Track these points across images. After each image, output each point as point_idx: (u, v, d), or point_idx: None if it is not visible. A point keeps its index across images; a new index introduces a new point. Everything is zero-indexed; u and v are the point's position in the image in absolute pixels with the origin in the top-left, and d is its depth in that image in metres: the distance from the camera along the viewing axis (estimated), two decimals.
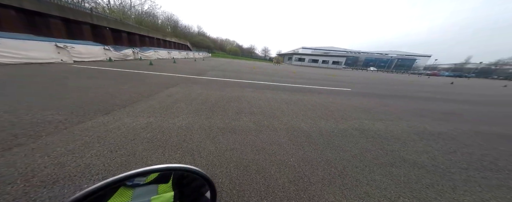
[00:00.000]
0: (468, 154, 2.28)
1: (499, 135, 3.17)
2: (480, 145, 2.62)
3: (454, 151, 2.33)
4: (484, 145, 2.65)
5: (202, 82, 5.72)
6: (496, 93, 10.62)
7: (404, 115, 3.94)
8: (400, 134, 2.80)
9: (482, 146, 2.60)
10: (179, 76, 6.67)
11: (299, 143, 2.26)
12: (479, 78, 44.72)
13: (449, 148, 2.42)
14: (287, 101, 4.25)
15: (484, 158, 2.20)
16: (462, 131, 3.21)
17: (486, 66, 67.74)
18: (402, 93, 7.38)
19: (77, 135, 1.96)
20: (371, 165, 1.85)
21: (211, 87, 5.09)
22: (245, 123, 2.72)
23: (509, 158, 2.26)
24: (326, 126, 2.89)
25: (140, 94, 3.64)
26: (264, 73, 11.38)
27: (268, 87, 6.04)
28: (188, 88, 4.54)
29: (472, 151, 2.38)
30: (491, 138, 2.96)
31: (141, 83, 4.74)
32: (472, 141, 2.75)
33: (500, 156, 2.29)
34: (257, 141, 2.21)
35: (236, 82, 6.56)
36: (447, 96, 7.72)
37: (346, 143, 2.35)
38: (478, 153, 2.34)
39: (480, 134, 3.11)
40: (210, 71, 9.74)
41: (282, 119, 3.06)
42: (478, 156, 2.25)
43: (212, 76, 7.52)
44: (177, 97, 3.67)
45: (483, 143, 2.72)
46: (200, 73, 8.13)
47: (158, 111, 2.86)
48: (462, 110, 5.06)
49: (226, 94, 4.27)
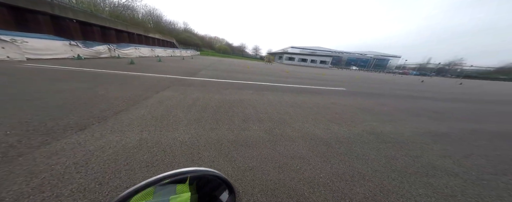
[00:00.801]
0: (484, 156, 2.32)
1: (493, 133, 3.40)
2: (486, 146, 2.73)
3: (470, 153, 2.36)
4: (489, 145, 2.77)
5: (196, 84, 5.18)
6: (460, 92, 11.97)
7: (403, 115, 4.04)
8: (411, 137, 2.78)
9: (488, 146, 2.71)
10: (168, 77, 5.97)
11: (322, 153, 2.04)
12: (438, 77, 50.86)
13: (464, 151, 2.44)
14: (291, 104, 4.05)
15: (503, 159, 2.27)
16: (460, 130, 3.36)
17: (441, 66, 77.91)
18: (389, 92, 7.79)
19: (40, 164, 1.45)
20: (406, 176, 1.72)
21: (208, 89, 4.62)
22: (256, 132, 2.42)
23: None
24: (340, 131, 2.74)
25: (124, 102, 3.06)
26: (259, 73, 11.10)
27: (267, 89, 5.78)
28: (182, 92, 4.02)
29: (486, 153, 2.44)
30: (489, 137, 3.15)
31: (123, 87, 4.04)
32: (476, 142, 2.86)
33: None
34: (276, 155, 1.94)
35: (233, 83, 6.14)
36: (425, 94, 8.38)
37: (368, 150, 2.21)
38: (492, 154, 2.40)
39: (476, 133, 3.29)
40: (202, 71, 9.07)
41: (293, 125, 2.83)
42: (494, 157, 2.31)
43: (206, 77, 6.96)
44: (170, 103, 3.18)
45: (486, 142, 2.86)
46: (192, 74, 7.47)
47: (151, 122, 2.39)
48: (446, 108, 5.46)
49: (226, 98, 3.88)
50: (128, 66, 7.98)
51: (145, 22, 41.07)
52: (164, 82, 5.02)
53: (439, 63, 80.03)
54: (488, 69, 76.79)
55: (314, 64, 48.55)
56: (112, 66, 7.28)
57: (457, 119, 4.14)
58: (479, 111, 5.51)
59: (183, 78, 5.98)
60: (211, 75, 7.70)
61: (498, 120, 4.49)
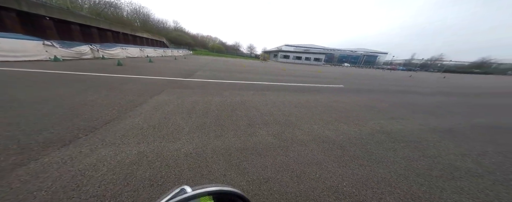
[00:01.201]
0: (499, 153, 2.31)
1: (491, 127, 3.48)
2: (494, 141, 2.75)
3: (484, 150, 2.34)
4: (496, 140, 2.81)
5: (193, 86, 4.87)
6: (447, 85, 12.51)
7: (404, 112, 4.04)
8: (421, 135, 2.74)
9: (495, 141, 2.74)
10: (162, 79, 5.59)
11: (338, 158, 1.92)
12: (422, 71, 53.45)
13: (476, 148, 2.42)
14: (294, 104, 3.91)
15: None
16: (462, 125, 3.40)
17: (425, 61, 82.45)
18: (384, 88, 7.90)
19: (16, 191, 1.19)
20: (433, 180, 1.63)
21: (207, 91, 4.35)
22: (264, 137, 2.25)
23: None
24: (351, 132, 2.63)
25: (114, 109, 2.75)
26: (256, 72, 10.87)
27: (268, 88, 5.60)
28: (179, 96, 3.73)
29: (498, 149, 2.44)
30: (490, 132, 3.20)
31: (112, 92, 3.67)
32: (483, 137, 2.89)
33: None
34: (291, 163, 1.78)
35: (232, 84, 5.89)
36: (416, 89, 8.61)
37: (384, 151, 2.12)
38: (505, 150, 2.41)
39: (477, 128, 3.34)
40: (198, 71, 8.67)
41: (301, 126, 2.68)
42: (509, 153, 2.30)
43: (203, 78, 6.63)
44: (168, 109, 2.91)
45: (491, 137, 2.89)
46: (188, 75, 7.07)
47: (148, 132, 2.14)
48: (441, 103, 5.59)
49: (227, 100, 3.66)
50: (116, 68, 7.44)
51: (131, 20, 39.25)
52: (157, 85, 4.66)
53: (423, 58, 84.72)
54: (464, 63, 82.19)
55: (308, 62, 49.45)
56: (97, 69, 6.73)
57: (455, 113, 4.22)
58: (468, 104, 5.71)
59: (178, 80, 5.64)
60: (208, 75, 7.37)
61: (487, 113, 4.65)
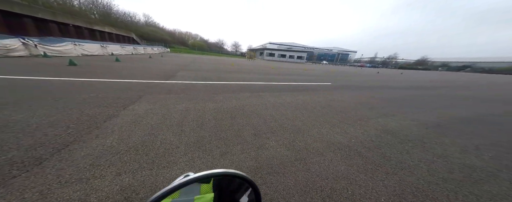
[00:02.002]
0: (489, 146, 2.50)
1: (465, 119, 3.89)
2: (475, 134, 3.02)
3: (476, 146, 2.50)
4: (476, 132, 3.09)
5: (177, 90, 4.15)
6: (408, 80, 14.21)
7: (392, 107, 4.26)
8: (419, 132, 2.83)
9: (478, 134, 3.01)
10: (136, 82, 4.68)
11: (362, 167, 1.76)
12: (383, 68, 60.57)
13: (469, 143, 2.58)
14: (294, 105, 3.71)
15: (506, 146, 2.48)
16: (444, 119, 3.71)
17: (384, 59, 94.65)
18: (365, 84, 8.43)
19: None
20: (460, 185, 1.58)
21: (196, 96, 3.75)
22: (276, 150, 1.96)
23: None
24: (358, 134, 2.55)
25: (69, 128, 2.03)
26: (246, 71, 10.40)
27: (262, 89, 5.27)
28: (162, 103, 3.10)
29: (486, 143, 2.65)
30: (467, 124, 3.55)
31: (63, 103, 2.75)
32: (465, 130, 3.17)
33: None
34: (316, 179, 1.55)
35: (223, 85, 5.33)
36: (388, 83, 9.47)
37: (399, 155, 2.06)
38: (492, 143, 2.63)
39: (455, 121, 3.69)
40: (180, 71, 7.71)
41: (310, 132, 2.49)
42: (495, 145, 2.51)
43: (188, 79, 5.85)
44: (151, 122, 2.35)
45: (471, 129, 3.19)
46: (168, 76, 6.13)
47: (130, 157, 1.62)
48: (415, 96, 6.17)
49: (222, 106, 3.21)
50: (68, 69, 5.97)
51: (85, 11, 33.58)
52: (131, 91, 3.83)
53: (383, 57, 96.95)
54: (410, 61, 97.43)
55: (292, 60, 51.98)
56: (38, 70, 5.28)
57: (434, 108, 4.64)
58: (434, 96, 6.46)
59: (157, 83, 4.82)
60: (194, 76, 6.59)
61: (452, 105, 5.29)
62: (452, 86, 10.64)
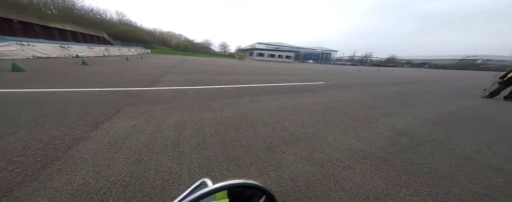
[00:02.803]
0: (497, 143, 2.55)
1: (457, 113, 4.06)
2: (476, 130, 3.10)
3: (486, 143, 2.52)
4: (473, 128, 3.18)
5: (166, 99, 3.50)
6: (386, 76, 15.19)
7: (391, 105, 4.29)
8: (428, 131, 2.79)
9: (477, 130, 3.09)
10: (111, 91, 3.88)
11: (398, 179, 1.56)
12: (361, 66, 64.90)
13: (484, 142, 2.59)
14: (298, 108, 3.46)
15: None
16: (441, 115, 3.83)
17: (362, 58, 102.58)
18: (354, 82, 8.62)
19: None
20: (506, 193, 1.46)
21: (189, 105, 3.19)
22: (297, 166, 1.67)
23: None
24: (373, 137, 2.39)
25: (12, 163, 1.46)
26: (238, 72, 9.84)
27: (260, 92, 4.89)
28: (148, 117, 2.53)
29: (490, 139, 2.70)
30: (462, 120, 3.69)
31: (10, 121, 2.14)
32: (466, 126, 3.25)
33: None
34: (357, 201, 1.29)
35: (217, 90, 4.79)
36: (373, 81, 9.91)
37: (427, 160, 1.92)
38: (494, 139, 2.68)
39: (452, 116, 3.82)
40: (166, 75, 6.83)
41: (326, 139, 2.25)
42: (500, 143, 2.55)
43: (176, 84, 5.13)
44: (137, 144, 1.86)
45: (468, 125, 3.28)
46: (152, 82, 5.27)
47: (115, 199, 1.18)
48: (401, 92, 6.45)
49: (222, 116, 2.78)
50: (10, 76, 4.71)
51: (38, 5, 29.26)
52: (105, 102, 3.08)
53: (361, 55, 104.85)
54: (382, 59, 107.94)
55: (281, 59, 53.34)
56: None
57: (420, 104, 4.80)
58: (417, 92, 6.86)
59: (139, 91, 4.08)
60: (183, 81, 5.86)
61: (434, 100, 5.62)
62: (422, 82, 11.56)
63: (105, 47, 18.47)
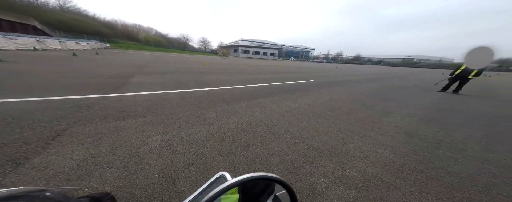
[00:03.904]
0: (492, 137, 2.66)
1: (437, 109, 4.36)
2: (467, 125, 3.29)
3: (492, 142, 2.61)
4: (459, 123, 3.38)
5: (140, 110, 2.57)
6: (359, 73, 16.46)
7: (382, 103, 4.38)
8: (430, 130, 2.81)
9: (465, 125, 3.28)
10: (45, 102, 2.60)
11: (450, 195, 1.35)
12: (335, 63, 70.23)
13: (480, 138, 2.69)
14: (302, 112, 3.11)
15: None
16: (427, 111, 4.04)
17: (335, 56, 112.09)
18: (338, 79, 8.83)
19: None
20: None
21: (174, 117, 2.42)
22: (335, 192, 1.32)
23: None
24: (392, 143, 2.22)
25: None
26: (226, 71, 8.89)
27: (257, 94, 4.31)
28: (113, 140, 1.73)
29: (480, 135, 2.83)
30: (446, 115, 3.94)
31: None
32: (452, 122, 3.44)
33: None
34: None
35: (207, 93, 3.99)
36: (352, 78, 10.46)
37: (454, 165, 1.80)
38: (484, 134, 2.82)
39: (434, 111, 4.07)
40: (136, 75, 5.55)
41: (348, 149, 1.96)
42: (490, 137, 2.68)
43: (152, 87, 4.07)
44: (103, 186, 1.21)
45: (452, 121, 3.48)
46: (117, 84, 4.09)
47: None
48: (383, 88, 6.85)
49: (221, 129, 2.17)
50: None
51: None
52: (37, 120, 2.03)
53: (334, 54, 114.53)
54: (350, 57, 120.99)
55: (266, 57, 54.27)
56: None
57: (402, 99, 5.10)
58: (392, 87, 7.44)
59: (95, 100, 2.88)
60: (161, 83, 4.77)
61: (409, 95, 6.12)
62: (388, 77, 12.83)
63: (37, 39, 14.38)
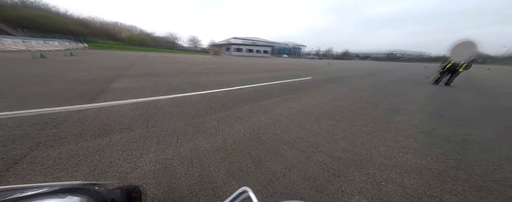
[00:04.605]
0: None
1: (439, 105, 4.27)
2: (474, 123, 3.16)
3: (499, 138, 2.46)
4: (456, 118, 3.26)
5: (126, 122, 2.13)
6: (351, 69, 16.51)
7: (385, 99, 4.23)
8: (447, 129, 2.66)
9: (462, 120, 3.15)
10: (12, 117, 2.06)
11: None
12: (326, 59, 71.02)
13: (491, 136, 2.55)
14: (311, 114, 2.82)
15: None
16: (431, 107, 3.93)
17: (325, 52, 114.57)
18: (334, 75, 8.66)
19: None
20: None
21: (169, 129, 2.01)
22: None
23: None
24: (417, 146, 2.01)
25: None
26: (222, 71, 8.31)
27: (258, 95, 3.91)
28: (93, 164, 1.36)
29: (492, 131, 2.70)
30: (453, 110, 3.83)
31: None
32: (464, 114, 3.33)
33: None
34: None
35: (204, 97, 3.50)
36: (347, 73, 10.36)
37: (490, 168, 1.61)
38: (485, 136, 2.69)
39: (437, 106, 3.96)
40: (118, 79, 4.86)
41: (374, 157, 1.71)
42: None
43: (140, 93, 3.47)
44: None
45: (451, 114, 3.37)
46: (95, 92, 3.40)
47: None
48: (378, 83, 6.76)
49: (226, 141, 1.84)
50: None
51: None
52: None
53: (324, 50, 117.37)
54: (339, 53, 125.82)
55: (259, 54, 55.21)
56: None
57: (403, 95, 5.00)
58: (385, 82, 7.37)
59: (68, 113, 2.29)
60: (150, 87, 4.14)
61: (405, 90, 6.07)
62: (377, 72, 12.63)
63: None
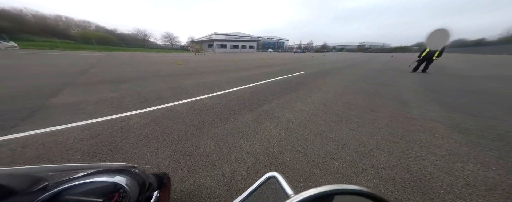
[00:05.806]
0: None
1: (439, 93, 4.20)
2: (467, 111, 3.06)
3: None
4: (454, 107, 3.16)
5: (78, 159, 1.34)
6: (334, 60, 16.78)
7: (383, 90, 4.03)
8: (470, 122, 2.44)
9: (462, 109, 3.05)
10: None
11: None
12: (308, 52, 72.52)
13: None
14: (324, 117, 2.36)
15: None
16: (430, 96, 3.80)
17: (306, 45, 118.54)
18: (324, 68, 8.49)
19: None
20: None
21: (149, 164, 1.33)
22: None
23: None
24: (460, 150, 1.70)
25: None
26: (208, 71, 7.09)
27: (257, 98, 3.25)
28: None
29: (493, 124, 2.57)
30: (444, 91, 3.75)
31: None
32: (468, 103, 3.21)
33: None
34: None
35: (191, 106, 2.72)
36: (332, 65, 10.31)
37: None
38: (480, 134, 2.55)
39: (437, 94, 3.87)
40: (66, 90, 3.47)
41: (426, 168, 1.32)
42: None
43: (99, 111, 2.40)
44: None
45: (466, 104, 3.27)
46: (28, 109, 2.33)
47: None
48: (365, 74, 6.70)
49: (235, 173, 1.25)
50: None
51: None
52: None
53: (305, 43, 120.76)
54: (318, 46, 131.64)
55: (245, 50, 52.39)
56: None
57: (392, 83, 4.91)
58: (371, 72, 7.36)
59: None
60: (116, 99, 3.01)
61: (395, 80, 6.10)
62: (357, 63, 12.86)
63: None
